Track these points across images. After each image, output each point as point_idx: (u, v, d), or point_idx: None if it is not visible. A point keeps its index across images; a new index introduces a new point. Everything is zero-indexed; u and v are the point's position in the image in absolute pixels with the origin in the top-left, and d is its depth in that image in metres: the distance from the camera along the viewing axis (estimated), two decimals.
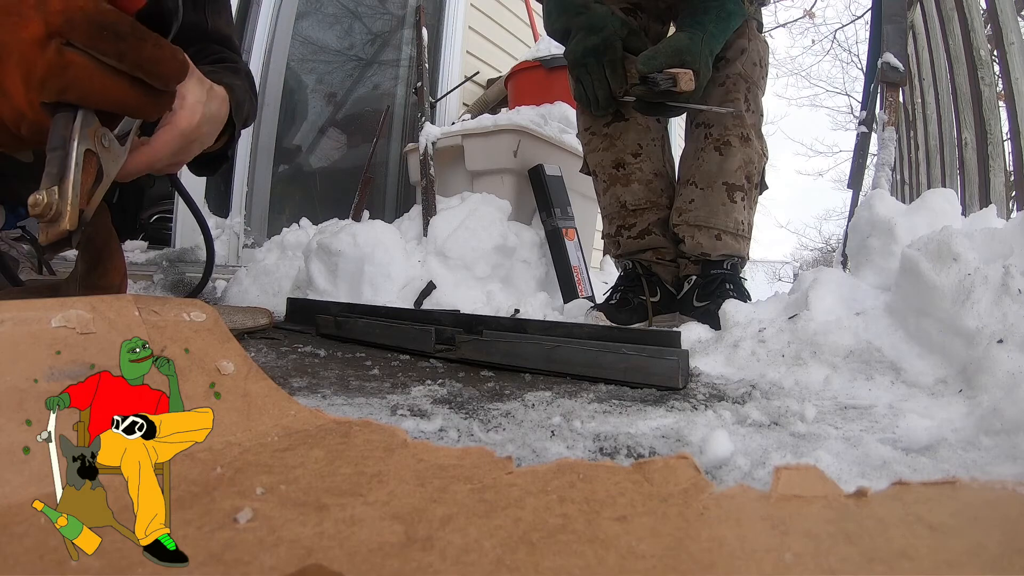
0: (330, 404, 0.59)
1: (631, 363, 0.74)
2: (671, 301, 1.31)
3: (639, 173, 1.28)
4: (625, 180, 1.29)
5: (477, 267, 1.57)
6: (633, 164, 1.28)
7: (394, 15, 3.39)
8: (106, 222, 0.64)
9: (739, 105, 1.18)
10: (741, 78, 1.20)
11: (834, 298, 0.89)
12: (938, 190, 1.01)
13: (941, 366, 0.70)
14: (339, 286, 1.50)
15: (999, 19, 1.68)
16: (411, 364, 0.85)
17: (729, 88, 1.20)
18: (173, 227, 2.16)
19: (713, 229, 1.20)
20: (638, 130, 1.27)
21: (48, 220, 0.47)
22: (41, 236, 0.48)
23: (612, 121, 1.28)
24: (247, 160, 2.38)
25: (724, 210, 1.19)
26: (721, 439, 0.47)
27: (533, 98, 2.50)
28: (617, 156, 1.29)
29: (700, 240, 1.21)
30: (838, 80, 19.29)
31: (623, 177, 1.29)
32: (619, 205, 1.31)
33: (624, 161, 1.28)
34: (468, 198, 1.77)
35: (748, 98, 1.20)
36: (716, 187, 1.20)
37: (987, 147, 1.79)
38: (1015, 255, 0.73)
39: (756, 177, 1.23)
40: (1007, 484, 0.27)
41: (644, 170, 1.28)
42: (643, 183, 1.28)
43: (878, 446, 0.49)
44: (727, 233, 1.20)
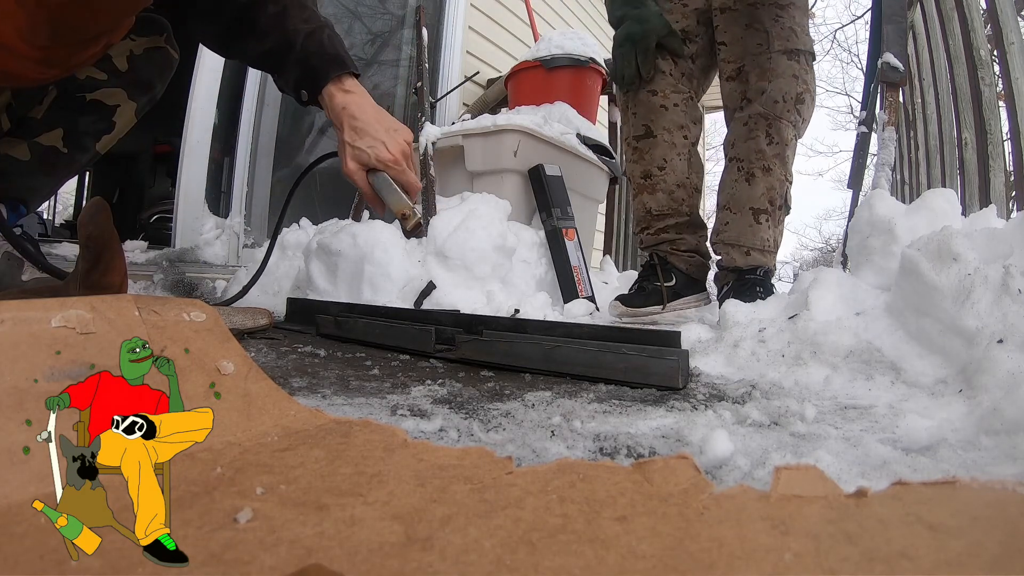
0: (330, 404, 0.59)
1: (631, 363, 0.74)
2: (688, 283, 1.49)
3: (663, 184, 1.48)
4: (651, 189, 1.49)
5: (477, 267, 1.57)
6: (659, 175, 1.48)
7: (394, 15, 3.38)
8: (107, 221, 0.64)
9: (760, 142, 1.39)
10: (761, 116, 1.39)
11: (834, 298, 0.89)
12: (938, 190, 1.01)
13: (941, 366, 0.70)
14: (339, 286, 1.50)
15: (999, 19, 1.68)
16: (411, 364, 0.85)
17: (751, 127, 1.40)
18: (173, 227, 2.16)
19: (743, 247, 1.42)
20: (664, 146, 1.48)
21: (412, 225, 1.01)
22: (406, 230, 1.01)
23: (643, 136, 1.49)
24: (247, 160, 2.38)
25: (751, 231, 1.41)
26: (721, 439, 0.47)
27: (533, 98, 2.50)
28: (645, 168, 1.49)
29: (733, 256, 1.43)
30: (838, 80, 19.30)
31: (649, 186, 1.49)
32: (645, 210, 1.51)
33: (651, 172, 1.49)
34: (468, 198, 1.77)
35: (770, 132, 1.39)
36: (744, 211, 1.41)
37: (987, 147, 1.79)
38: (1015, 255, 0.73)
39: (779, 200, 1.43)
40: (1007, 484, 0.27)
41: (668, 181, 1.48)
42: (666, 192, 1.48)
43: (878, 446, 0.49)
44: (755, 249, 1.41)
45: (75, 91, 1.09)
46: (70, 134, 1.10)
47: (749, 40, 1.42)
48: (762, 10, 1.41)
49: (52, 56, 0.84)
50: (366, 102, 1.02)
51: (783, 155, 1.40)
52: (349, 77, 1.02)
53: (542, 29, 3.49)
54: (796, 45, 1.40)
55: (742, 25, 1.43)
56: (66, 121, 1.10)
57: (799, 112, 1.40)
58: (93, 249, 0.64)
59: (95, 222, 0.63)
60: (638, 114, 1.49)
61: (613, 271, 2.56)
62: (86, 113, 1.11)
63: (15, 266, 1.01)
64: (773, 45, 1.39)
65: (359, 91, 1.02)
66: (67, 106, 1.09)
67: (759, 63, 1.40)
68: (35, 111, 1.08)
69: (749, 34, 1.42)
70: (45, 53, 0.82)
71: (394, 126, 1.04)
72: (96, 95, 1.10)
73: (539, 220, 1.94)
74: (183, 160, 2.15)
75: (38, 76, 0.87)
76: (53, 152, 1.10)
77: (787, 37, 1.40)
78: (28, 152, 1.08)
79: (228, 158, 2.41)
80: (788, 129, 1.39)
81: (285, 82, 1.03)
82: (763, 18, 1.41)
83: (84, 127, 1.12)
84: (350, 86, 1.01)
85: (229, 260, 2.19)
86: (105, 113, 1.12)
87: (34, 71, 0.84)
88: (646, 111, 1.48)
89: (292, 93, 1.03)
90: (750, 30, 1.42)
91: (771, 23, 1.40)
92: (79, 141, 1.12)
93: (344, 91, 1.00)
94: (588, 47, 2.63)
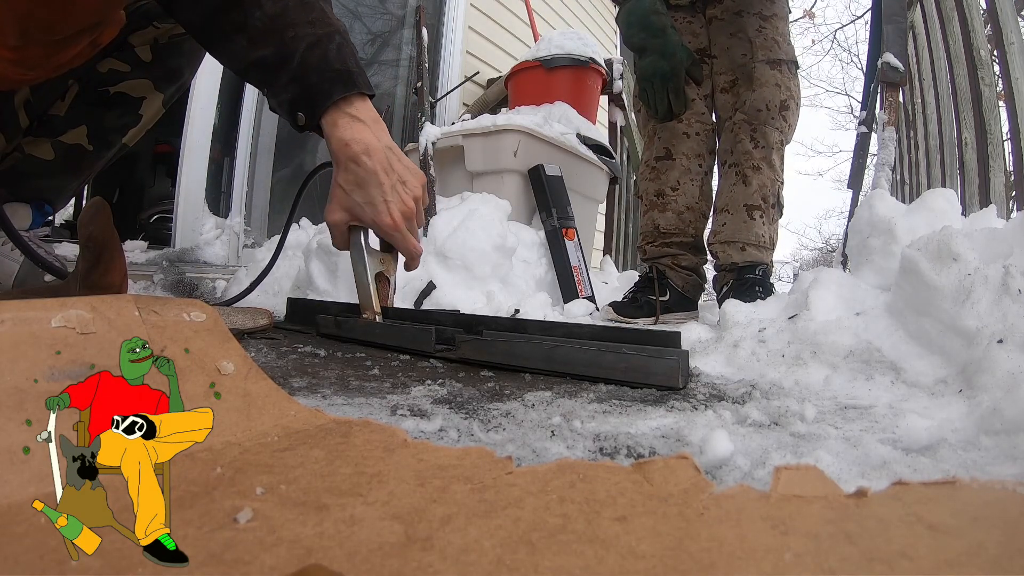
0: (330, 404, 0.59)
1: (631, 363, 0.74)
2: (681, 300, 1.55)
3: (674, 204, 1.54)
4: (662, 207, 1.56)
5: (477, 267, 1.57)
6: (671, 196, 1.54)
7: (394, 15, 3.38)
8: (107, 221, 0.64)
9: (746, 144, 1.45)
10: (745, 123, 1.45)
11: (834, 298, 0.89)
12: (938, 190, 1.01)
13: (941, 366, 0.70)
14: (339, 286, 1.50)
15: (999, 19, 1.68)
16: (411, 364, 0.85)
17: (736, 132, 1.46)
18: (173, 227, 2.16)
19: (739, 243, 1.46)
20: (680, 170, 1.54)
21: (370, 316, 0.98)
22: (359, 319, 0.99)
23: (663, 158, 1.55)
24: (247, 160, 2.38)
25: (746, 227, 1.45)
26: (721, 439, 0.47)
27: (533, 98, 2.50)
28: (659, 187, 1.56)
29: (730, 252, 1.47)
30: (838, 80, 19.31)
31: (661, 204, 1.56)
32: (654, 227, 1.57)
33: (664, 192, 1.55)
34: (468, 198, 1.77)
35: (754, 136, 1.45)
36: (739, 209, 1.46)
37: (987, 147, 1.79)
38: (1015, 255, 0.72)
39: (772, 198, 1.47)
40: (1007, 484, 0.27)
41: (679, 203, 1.54)
42: (676, 213, 1.54)
43: (878, 446, 0.49)
44: (750, 245, 1.45)
45: (97, 85, 1.05)
46: (95, 131, 1.07)
47: (735, 50, 1.47)
48: (746, 19, 1.47)
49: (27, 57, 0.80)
50: (376, 138, 0.83)
51: (769, 157, 1.46)
52: (360, 98, 0.83)
53: (542, 29, 3.49)
54: (779, 55, 1.46)
55: (727, 34, 1.49)
56: (90, 117, 1.07)
57: (784, 118, 1.46)
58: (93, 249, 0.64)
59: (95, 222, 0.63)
60: (662, 137, 1.55)
61: (613, 271, 2.56)
62: (111, 108, 1.07)
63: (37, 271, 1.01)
64: (757, 55, 1.45)
65: (370, 118, 0.83)
66: (90, 101, 1.06)
67: (745, 72, 1.46)
68: (57, 107, 1.06)
69: (734, 43, 1.48)
70: (18, 54, 0.79)
71: (405, 175, 0.86)
72: (121, 87, 1.06)
73: (539, 220, 1.94)
74: (183, 160, 2.15)
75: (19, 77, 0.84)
76: (78, 150, 1.07)
77: (770, 47, 1.46)
78: (52, 151, 1.05)
79: (228, 158, 2.41)
80: (773, 133, 1.45)
81: (278, 102, 0.84)
82: (747, 28, 1.46)
83: (110, 123, 1.08)
84: (359, 111, 0.82)
85: (229, 260, 2.19)
86: (131, 106, 1.09)
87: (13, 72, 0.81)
88: (669, 135, 1.54)
89: (287, 116, 0.84)
90: (735, 39, 1.48)
91: (755, 33, 1.46)
92: (105, 138, 1.09)
93: (351, 118, 0.82)
94: (588, 47, 2.63)
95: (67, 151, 1.06)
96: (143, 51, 1.06)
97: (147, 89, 1.09)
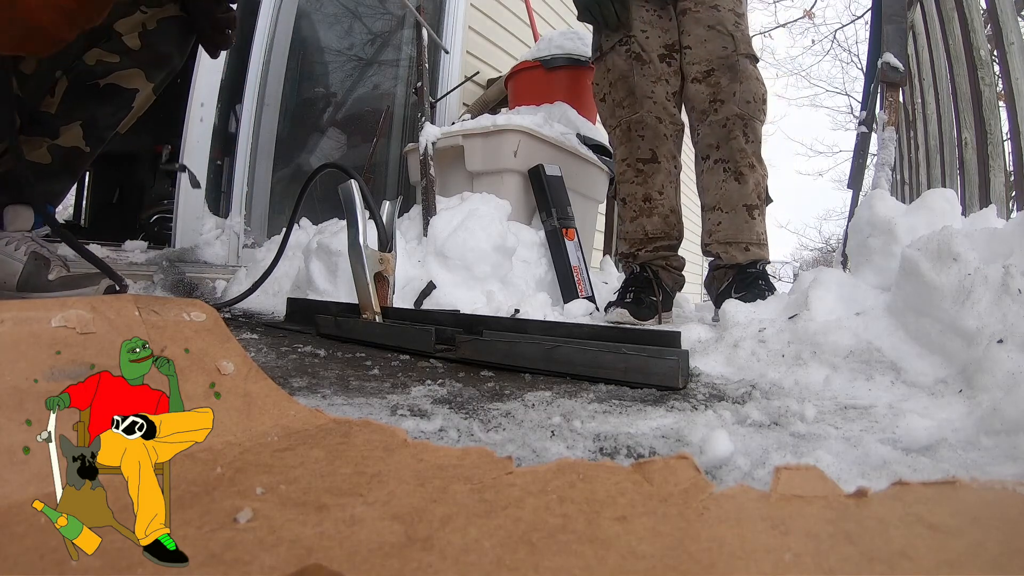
0: (330, 404, 0.59)
1: (631, 363, 0.74)
2: (666, 299, 1.58)
3: (660, 208, 1.56)
4: (650, 212, 1.56)
5: (477, 267, 1.57)
6: (657, 200, 1.55)
7: (394, 15, 3.38)
8: None
9: (740, 141, 1.44)
10: (738, 117, 1.44)
11: (834, 298, 0.89)
12: (938, 190, 1.01)
13: (941, 366, 0.70)
14: (339, 286, 1.50)
15: (999, 19, 1.67)
16: (411, 364, 0.85)
17: (730, 128, 1.45)
18: (173, 227, 2.16)
19: (742, 243, 1.46)
20: (664, 173, 1.55)
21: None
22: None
23: (650, 160, 1.54)
24: (247, 160, 2.38)
25: (748, 227, 1.45)
26: (721, 439, 0.47)
27: (533, 98, 2.50)
28: (647, 191, 1.56)
29: (733, 253, 1.47)
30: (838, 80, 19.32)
31: (648, 210, 1.56)
32: (643, 233, 1.58)
33: (651, 196, 1.55)
34: (468, 198, 1.77)
35: (747, 132, 1.45)
36: (738, 209, 1.45)
37: (987, 147, 1.79)
38: (1015, 255, 0.72)
39: (764, 194, 1.49)
40: (1007, 484, 0.27)
41: (664, 207, 1.56)
42: (662, 217, 1.56)
43: (878, 446, 0.49)
44: (753, 244, 1.46)
45: (87, 78, 1.04)
46: (89, 129, 1.06)
47: (714, 43, 1.48)
48: (723, 13, 1.49)
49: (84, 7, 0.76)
50: None
51: (759, 153, 1.48)
52: None
53: (542, 29, 3.49)
54: (752, 51, 1.50)
55: (705, 27, 1.50)
56: (83, 112, 1.05)
57: (764, 112, 1.49)
58: None
59: None
60: (645, 137, 1.54)
61: (613, 271, 2.56)
62: (103, 101, 1.05)
63: (41, 266, 1.01)
64: (739, 48, 1.47)
65: None
66: (81, 95, 1.04)
67: (728, 65, 1.46)
68: (47, 104, 1.04)
69: (713, 36, 1.48)
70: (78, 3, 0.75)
71: None
72: (111, 79, 1.04)
73: (539, 220, 1.94)
74: (183, 160, 2.15)
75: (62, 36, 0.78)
76: (75, 152, 1.06)
77: (748, 42, 1.49)
78: (49, 156, 1.04)
79: (228, 158, 2.41)
80: (760, 127, 1.48)
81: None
82: (725, 22, 1.48)
83: (103, 119, 1.07)
84: None
85: (229, 260, 2.19)
86: (124, 99, 1.07)
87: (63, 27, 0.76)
88: (653, 136, 1.54)
89: None
90: (713, 32, 1.48)
91: (733, 28, 1.48)
92: (99, 135, 1.08)
93: None
94: (588, 47, 2.63)
95: (65, 154, 1.05)
96: (131, 39, 1.03)
97: (139, 80, 1.06)
